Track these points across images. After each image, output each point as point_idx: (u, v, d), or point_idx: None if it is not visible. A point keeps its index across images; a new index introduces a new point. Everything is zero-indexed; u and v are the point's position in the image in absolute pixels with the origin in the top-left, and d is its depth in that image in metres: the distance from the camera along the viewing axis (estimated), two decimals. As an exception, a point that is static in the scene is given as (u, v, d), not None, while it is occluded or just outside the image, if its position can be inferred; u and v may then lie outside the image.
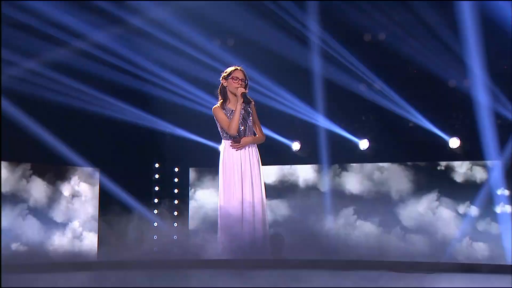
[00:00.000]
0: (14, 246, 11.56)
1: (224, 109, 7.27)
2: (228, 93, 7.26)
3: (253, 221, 7.35)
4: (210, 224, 11.51)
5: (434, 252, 11.18)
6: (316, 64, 10.94)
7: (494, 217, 11.43)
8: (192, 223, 12.71)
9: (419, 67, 11.07)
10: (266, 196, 7.70)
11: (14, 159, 11.53)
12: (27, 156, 11.41)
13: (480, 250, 11.51)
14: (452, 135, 11.36)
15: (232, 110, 7.21)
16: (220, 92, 7.36)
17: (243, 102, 7.14)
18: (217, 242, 7.48)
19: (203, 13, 10.33)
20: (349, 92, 11.42)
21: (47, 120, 10.71)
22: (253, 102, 7.33)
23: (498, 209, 11.45)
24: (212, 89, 10.61)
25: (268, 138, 9.64)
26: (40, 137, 10.73)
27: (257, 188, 7.41)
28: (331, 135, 11.73)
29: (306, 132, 11.84)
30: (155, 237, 10.43)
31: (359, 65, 11.15)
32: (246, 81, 7.28)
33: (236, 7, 10.37)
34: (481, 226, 11.54)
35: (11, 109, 10.10)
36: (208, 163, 12.29)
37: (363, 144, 11.69)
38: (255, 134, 7.38)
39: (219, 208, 7.43)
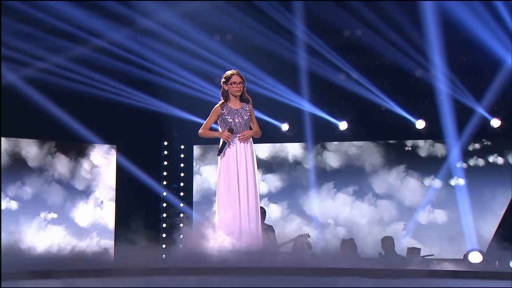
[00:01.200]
0: (42, 214, 13.11)
1: (225, 107, 7.65)
2: (229, 94, 7.67)
3: (254, 209, 7.69)
4: (213, 195, 13.04)
5: (401, 216, 13.23)
6: (302, 58, 12.08)
7: (452, 188, 12.94)
8: (196, 195, 14.11)
9: (391, 60, 12.15)
10: (259, 167, 8.19)
11: (41, 138, 12.88)
12: (52, 135, 12.68)
13: (440, 216, 13.07)
14: (418, 117, 12.76)
15: (232, 108, 7.61)
16: (223, 94, 7.73)
17: (241, 104, 7.61)
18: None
19: (202, 13, 11.49)
20: (330, 81, 12.52)
21: (71, 105, 11.96)
22: (251, 102, 7.77)
23: (454, 182, 12.98)
24: (210, 78, 12.18)
25: (261, 120, 11.31)
26: (65, 119, 11.97)
27: (254, 180, 7.72)
28: (315, 118, 12.97)
29: (294, 115, 13.12)
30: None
31: (339, 58, 12.25)
32: (244, 83, 7.67)
33: (231, 8, 11.59)
34: (441, 195, 13.05)
35: (39, 96, 11.44)
36: (210, 141, 13.35)
37: (343, 125, 12.99)
38: (251, 129, 7.70)
39: (217, 191, 7.75)
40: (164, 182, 14.19)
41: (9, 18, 10.50)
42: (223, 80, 7.62)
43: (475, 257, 11.08)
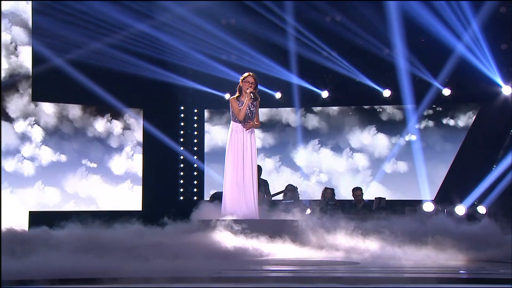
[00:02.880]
0: (84, 161, 14.65)
1: (238, 100, 8.33)
2: (242, 90, 8.37)
3: (256, 187, 8.34)
4: (220, 150, 14.96)
5: (371, 166, 15.02)
6: (291, 42, 13.98)
7: (411, 144, 14.81)
8: (206, 149, 15.77)
9: (363, 41, 13.92)
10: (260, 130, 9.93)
11: (84, 103, 14.60)
12: (93, 101, 14.24)
13: (402, 165, 14.95)
14: (385, 87, 14.59)
15: (243, 102, 8.31)
16: (238, 89, 8.43)
17: (251, 99, 8.29)
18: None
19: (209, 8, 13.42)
20: (314, 59, 14.25)
21: (108, 79, 13.84)
22: (259, 99, 8.47)
23: (412, 139, 14.86)
24: (215, 57, 14.14)
25: (260, 91, 13.06)
26: (103, 89, 13.87)
27: (254, 161, 8.37)
28: (303, 88, 14.75)
29: (285, 86, 14.84)
30: None
31: (321, 40, 14.10)
32: (256, 83, 8.37)
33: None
34: (403, 150, 14.92)
35: (83, 72, 13.47)
36: (218, 106, 15.41)
37: (324, 94, 14.78)
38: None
39: (225, 169, 8.44)
40: (181, 139, 15.80)
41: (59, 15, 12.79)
42: (241, 78, 8.47)
43: (428, 207, 12.45)
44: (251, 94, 8.25)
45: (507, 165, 13.69)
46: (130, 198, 15.27)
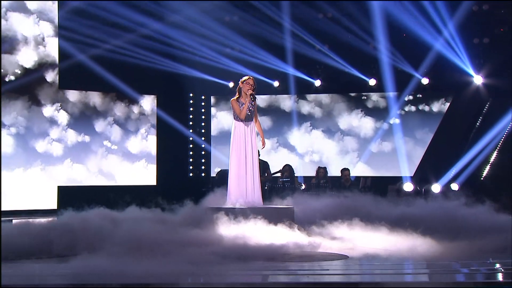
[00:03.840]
0: (105, 142, 15.75)
1: (238, 101, 8.58)
2: (242, 92, 8.63)
3: (257, 177, 8.64)
4: (224, 133, 16.19)
5: (359, 146, 16.16)
6: (288, 37, 15.10)
7: (393, 127, 15.92)
8: (212, 132, 16.93)
9: (351, 37, 15.02)
10: (259, 113, 9.41)
11: (105, 91, 15.77)
12: (113, 89, 15.42)
13: (386, 146, 16.08)
14: (370, 77, 15.71)
15: (243, 103, 8.59)
16: (238, 90, 8.71)
17: (250, 100, 8.56)
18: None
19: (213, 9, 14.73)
20: (308, 52, 15.36)
21: (126, 70, 15.05)
22: (256, 100, 8.75)
23: (394, 122, 15.97)
24: (219, 51, 15.30)
25: (261, 81, 14.68)
26: (121, 79, 15.13)
27: (255, 154, 8.66)
28: (298, 78, 15.85)
29: (282, 76, 15.94)
30: None
31: (314, 36, 15.27)
32: (255, 86, 8.64)
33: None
34: (387, 132, 16.05)
35: (103, 65, 14.74)
36: (222, 93, 16.58)
37: (317, 82, 15.98)
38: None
39: (230, 163, 8.70)
40: (190, 123, 16.98)
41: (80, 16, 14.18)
42: (241, 80, 8.77)
43: (408, 187, 13.49)
44: (251, 96, 8.61)
45: (478, 147, 14.64)
46: (145, 174, 16.41)
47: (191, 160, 17.20)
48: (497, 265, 6.23)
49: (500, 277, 5.80)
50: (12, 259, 6.61)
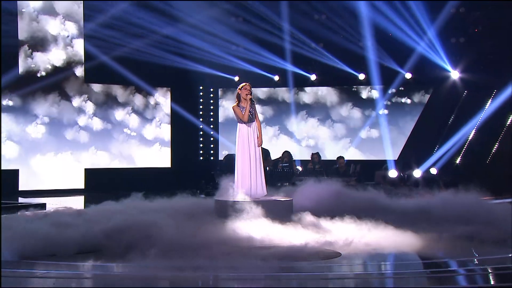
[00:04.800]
0: (125, 130, 17.22)
1: (239, 106, 8.89)
2: (241, 97, 8.92)
3: (259, 171, 8.90)
4: (230, 121, 17.40)
5: (350, 133, 17.55)
6: (287, 37, 16.54)
7: (380, 116, 17.24)
8: (221, 119, 18.45)
9: (343, 37, 16.45)
10: (259, 103, 11.86)
11: (125, 84, 17.21)
12: (133, 82, 16.98)
13: (374, 133, 17.48)
14: (360, 72, 17.12)
15: (244, 107, 8.86)
16: (237, 96, 9.00)
17: (250, 103, 8.83)
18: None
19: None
20: (305, 51, 16.75)
21: (144, 66, 16.56)
22: (255, 103, 9.10)
23: (381, 112, 17.31)
24: (225, 50, 16.70)
25: (264, 76, 16.24)
26: (139, 74, 16.71)
27: (258, 150, 8.92)
28: (295, 73, 17.31)
29: (282, 71, 17.36)
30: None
31: (310, 37, 16.64)
32: (251, 91, 8.95)
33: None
34: (374, 120, 17.39)
35: (124, 63, 16.28)
36: (228, 86, 18.09)
37: (313, 77, 17.48)
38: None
39: (236, 161, 8.97)
40: (200, 112, 18.55)
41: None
42: (239, 87, 9.11)
43: (393, 173, 14.21)
44: (250, 100, 8.96)
45: (455, 134, 15.79)
46: (160, 158, 18.01)
47: (201, 145, 18.74)
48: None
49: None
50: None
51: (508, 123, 16.07)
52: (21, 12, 15.94)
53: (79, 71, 16.75)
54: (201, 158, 18.88)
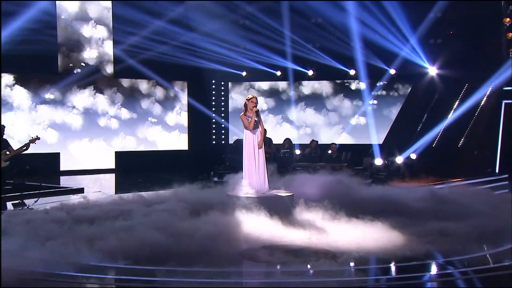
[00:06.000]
0: (150, 118, 19.19)
1: (245, 115, 9.10)
2: (248, 108, 9.16)
3: (263, 170, 9.21)
4: (239, 110, 17.78)
5: (342, 120, 19.48)
6: (288, 43, 18.39)
7: (368, 106, 19.01)
8: (231, 109, 20.38)
9: (336, 36, 18.29)
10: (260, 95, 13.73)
11: (147, 78, 19.17)
12: (152, 77, 18.93)
13: (362, 121, 19.34)
14: (351, 68, 18.97)
15: (250, 117, 9.09)
16: (244, 106, 9.22)
17: (256, 115, 9.03)
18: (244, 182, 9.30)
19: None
20: (303, 50, 18.59)
21: (165, 65, 18.35)
22: (259, 112, 9.22)
23: (370, 102, 19.17)
24: (233, 49, 18.53)
25: (267, 72, 18.10)
26: (160, 71, 18.60)
27: (261, 152, 9.15)
28: (295, 69, 19.24)
29: (283, 67, 19.23)
30: None
31: (307, 39, 18.53)
32: (257, 103, 9.15)
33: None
34: (363, 110, 19.25)
35: (146, 63, 18.20)
36: (237, 80, 20.03)
37: (310, 72, 19.43)
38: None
39: (243, 161, 9.28)
40: (213, 103, 20.59)
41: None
42: (246, 98, 9.36)
43: (378, 161, 14.97)
44: (256, 112, 9.24)
45: (431, 125, 17.17)
46: (179, 142, 20.04)
47: (213, 131, 20.77)
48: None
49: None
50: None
51: (477, 112, 17.10)
52: (60, 17, 17.82)
53: (109, 68, 18.61)
54: (214, 142, 20.90)
